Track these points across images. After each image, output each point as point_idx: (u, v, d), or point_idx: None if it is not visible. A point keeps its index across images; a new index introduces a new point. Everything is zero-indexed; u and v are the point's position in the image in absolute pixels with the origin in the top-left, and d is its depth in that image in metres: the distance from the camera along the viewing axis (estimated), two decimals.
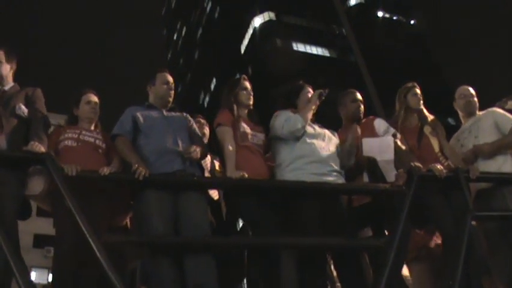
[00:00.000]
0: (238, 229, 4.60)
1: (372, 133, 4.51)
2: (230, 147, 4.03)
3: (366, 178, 4.32)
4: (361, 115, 4.69)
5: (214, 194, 4.39)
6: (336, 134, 4.50)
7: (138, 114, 4.10)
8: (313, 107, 4.32)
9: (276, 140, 4.29)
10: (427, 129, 4.65)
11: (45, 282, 21.60)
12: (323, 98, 4.36)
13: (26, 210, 3.82)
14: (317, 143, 4.21)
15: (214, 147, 4.33)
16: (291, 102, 4.44)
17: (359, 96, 4.74)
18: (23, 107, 3.91)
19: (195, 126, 4.32)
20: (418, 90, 4.76)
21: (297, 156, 4.13)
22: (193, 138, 4.18)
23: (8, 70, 4.12)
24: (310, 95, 4.41)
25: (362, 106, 4.70)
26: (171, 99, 4.28)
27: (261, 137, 4.29)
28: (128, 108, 4.20)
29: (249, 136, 4.21)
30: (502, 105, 5.06)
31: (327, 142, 4.28)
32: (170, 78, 4.32)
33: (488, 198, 4.33)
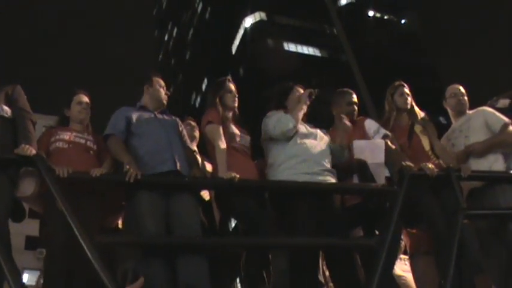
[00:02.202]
0: (230, 229, 4.60)
1: (363, 134, 4.50)
2: (222, 145, 4.02)
3: (355, 180, 4.31)
4: (355, 117, 4.69)
5: (205, 194, 4.38)
6: (327, 134, 4.49)
7: (131, 115, 4.10)
8: (304, 107, 4.32)
9: (268, 140, 4.29)
10: (417, 128, 4.63)
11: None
12: (313, 97, 4.36)
13: (20, 213, 3.80)
14: (308, 142, 4.21)
15: (204, 147, 4.33)
16: (281, 104, 4.43)
17: (355, 98, 4.72)
18: (5, 107, 3.85)
19: (184, 132, 4.33)
20: (405, 90, 4.73)
21: (289, 156, 4.13)
22: (183, 141, 4.19)
23: None
24: (300, 95, 4.40)
25: (356, 108, 4.69)
26: (165, 103, 4.32)
27: (247, 139, 4.31)
28: (120, 108, 4.19)
29: (237, 138, 4.22)
30: (493, 104, 5.06)
31: (318, 141, 4.29)
32: (164, 84, 4.38)
33: (480, 196, 4.33)
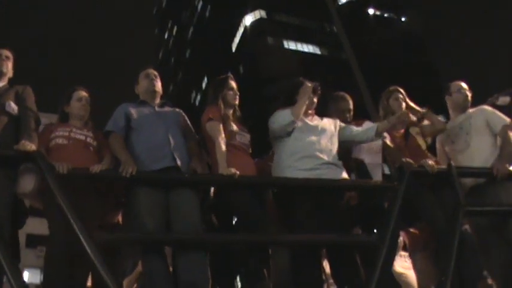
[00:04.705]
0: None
1: None
2: (222, 142, 4.01)
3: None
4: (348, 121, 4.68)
5: None
6: (335, 123, 4.45)
7: (131, 111, 4.12)
8: (306, 101, 4.29)
9: (274, 139, 4.31)
10: (413, 130, 4.64)
11: (37, 282, 21.50)
12: (318, 91, 4.34)
13: (22, 219, 3.85)
14: (307, 138, 4.20)
15: (203, 143, 4.32)
16: (292, 99, 4.41)
17: (349, 104, 4.76)
18: (12, 104, 3.92)
19: (188, 121, 4.33)
20: (399, 95, 4.74)
21: (289, 154, 4.14)
22: (186, 133, 4.20)
23: (10, 69, 4.18)
24: (302, 90, 4.39)
25: (350, 115, 4.72)
26: (156, 89, 4.31)
27: (247, 137, 4.31)
28: (121, 105, 4.20)
29: (237, 135, 4.22)
30: (493, 102, 5.06)
31: (318, 135, 4.25)
32: (151, 71, 4.38)
33: (481, 194, 4.31)
